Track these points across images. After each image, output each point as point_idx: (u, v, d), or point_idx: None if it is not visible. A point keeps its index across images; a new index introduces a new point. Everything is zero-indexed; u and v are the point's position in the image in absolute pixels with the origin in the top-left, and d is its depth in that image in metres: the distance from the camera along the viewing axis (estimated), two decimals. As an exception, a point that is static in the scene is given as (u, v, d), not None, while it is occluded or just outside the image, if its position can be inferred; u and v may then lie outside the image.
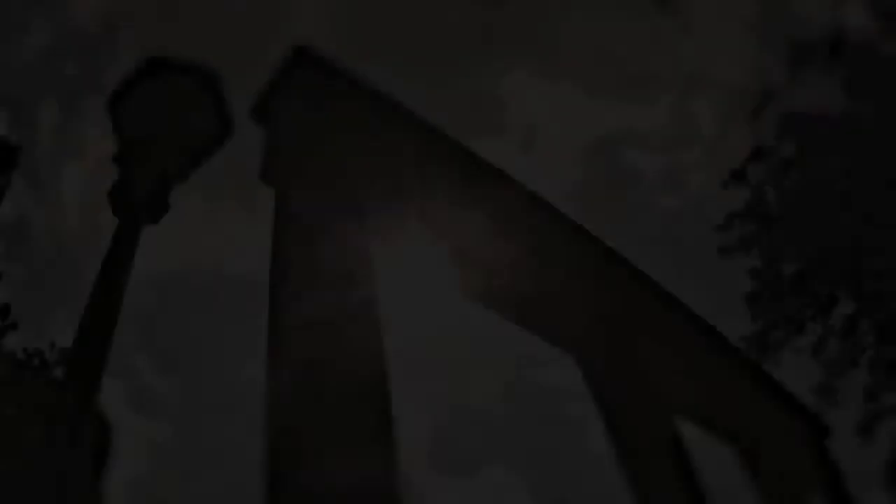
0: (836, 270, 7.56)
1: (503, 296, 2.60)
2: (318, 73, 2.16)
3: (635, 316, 2.86)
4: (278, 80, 2.13)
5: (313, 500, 1.32)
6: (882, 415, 7.56)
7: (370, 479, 1.38)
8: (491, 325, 2.66)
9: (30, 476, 1.52)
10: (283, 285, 1.76)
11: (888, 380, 7.71)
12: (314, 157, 2.01)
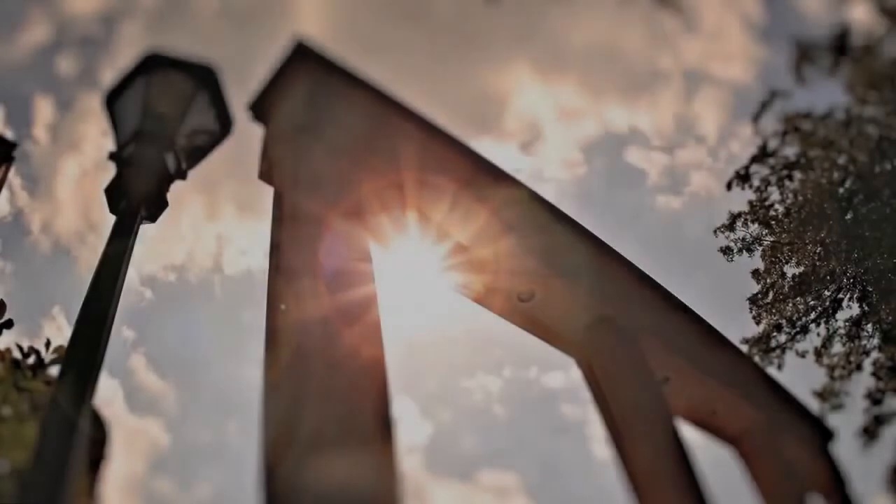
0: (840, 272, 7.52)
1: (503, 296, 2.58)
2: (318, 69, 2.15)
3: (637, 317, 2.83)
4: (277, 77, 2.11)
5: (311, 501, 1.30)
6: (886, 418, 7.52)
7: (369, 480, 1.36)
8: (491, 325, 2.64)
9: (26, 474, 1.50)
10: (282, 285, 1.74)
11: (892, 383, 7.66)
12: (313, 155, 1.99)
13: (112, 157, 1.90)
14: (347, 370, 1.54)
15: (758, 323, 8.36)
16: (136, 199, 1.84)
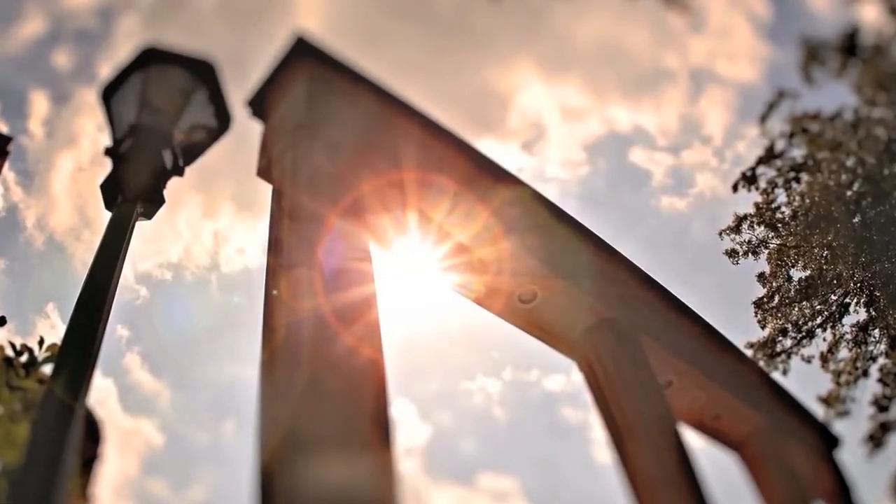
0: (847, 277, 7.45)
1: (504, 297, 2.55)
2: (318, 65, 2.12)
3: (640, 319, 2.80)
4: (277, 73, 2.09)
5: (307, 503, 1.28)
6: (892, 425, 7.45)
7: (367, 483, 1.33)
8: (491, 326, 2.62)
9: (18, 474, 1.48)
10: (280, 284, 1.72)
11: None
12: (313, 152, 1.97)
13: (108, 152, 1.88)
14: (346, 371, 1.51)
15: (763, 327, 8.32)
16: (132, 195, 1.82)
